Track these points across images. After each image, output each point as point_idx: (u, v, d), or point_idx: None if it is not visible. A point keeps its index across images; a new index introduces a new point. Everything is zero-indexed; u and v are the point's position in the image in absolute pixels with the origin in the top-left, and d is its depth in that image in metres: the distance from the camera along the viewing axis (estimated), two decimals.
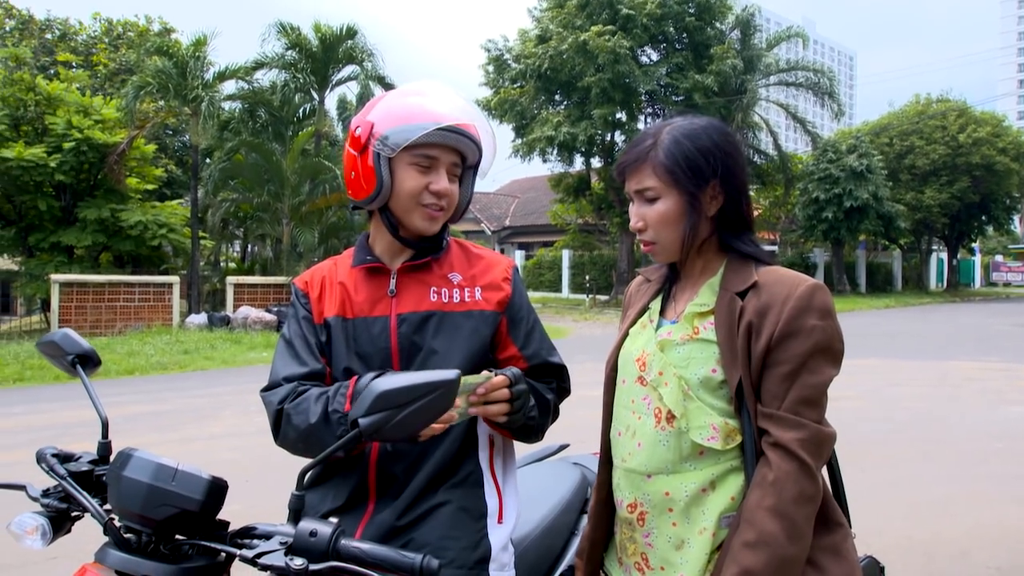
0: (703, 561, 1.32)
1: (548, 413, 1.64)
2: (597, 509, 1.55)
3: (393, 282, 1.61)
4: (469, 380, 1.38)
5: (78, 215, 17.50)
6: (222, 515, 1.26)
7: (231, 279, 17.40)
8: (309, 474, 1.61)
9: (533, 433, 1.61)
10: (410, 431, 1.15)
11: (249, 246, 26.48)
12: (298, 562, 1.08)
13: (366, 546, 1.12)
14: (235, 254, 28.09)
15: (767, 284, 1.34)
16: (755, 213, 34.90)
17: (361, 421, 1.12)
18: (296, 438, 1.48)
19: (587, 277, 29.51)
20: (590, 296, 27.51)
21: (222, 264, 25.50)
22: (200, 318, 16.02)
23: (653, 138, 1.41)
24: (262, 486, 4.61)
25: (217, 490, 1.20)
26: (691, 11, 23.82)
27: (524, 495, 1.94)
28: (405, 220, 1.59)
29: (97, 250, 18.41)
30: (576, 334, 17.04)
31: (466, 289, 1.62)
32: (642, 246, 1.46)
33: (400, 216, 1.59)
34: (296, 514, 1.16)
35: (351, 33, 19.00)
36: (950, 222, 34.22)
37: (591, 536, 1.57)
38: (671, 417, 1.35)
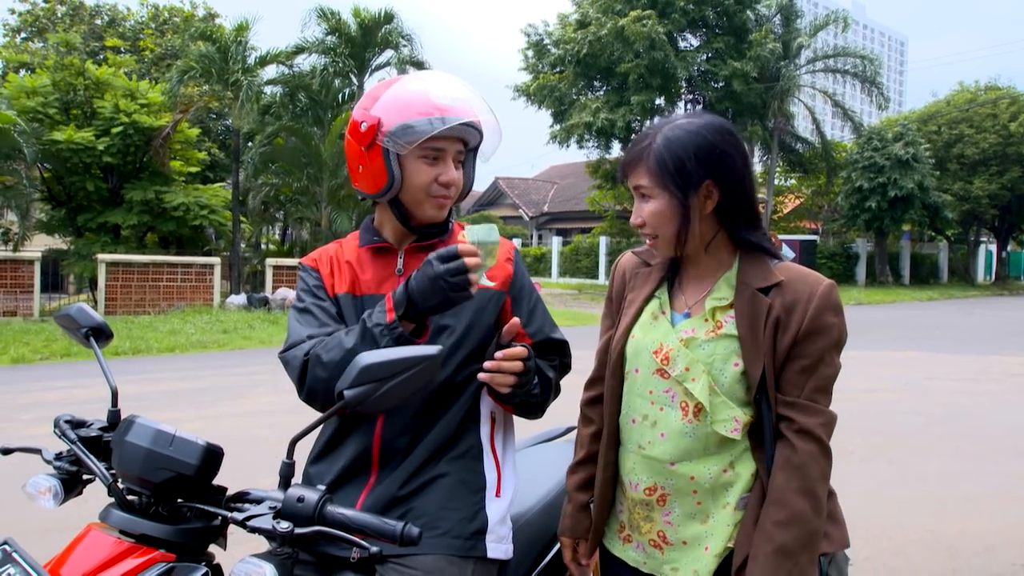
0: (728, 533, 1.43)
1: (550, 390, 1.68)
2: (603, 490, 1.59)
3: (400, 261, 1.65)
4: (476, 230, 1.45)
5: (124, 196, 17.98)
6: (228, 483, 1.33)
7: (270, 261, 17.68)
8: (312, 447, 1.68)
9: (534, 409, 1.66)
10: (394, 403, 1.20)
11: (288, 229, 26.90)
12: (284, 526, 1.14)
13: (350, 512, 1.17)
14: (275, 236, 28.56)
15: (790, 282, 1.42)
16: (797, 202, 34.44)
17: (346, 393, 1.17)
18: (328, 378, 1.45)
19: None
20: None
21: (262, 246, 25.96)
22: (240, 299, 16.34)
23: (650, 139, 1.45)
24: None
25: (212, 456, 1.26)
26: None
27: (527, 474, 1.97)
28: (415, 210, 1.62)
29: (142, 230, 18.91)
30: None
31: None
32: (647, 243, 1.53)
33: (410, 207, 1.62)
34: (286, 481, 1.21)
35: (389, 18, 19.11)
36: (1000, 213, 33.20)
37: (599, 514, 1.61)
38: (697, 411, 1.43)
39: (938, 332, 15.24)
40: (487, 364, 1.46)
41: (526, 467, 2.02)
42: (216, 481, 1.34)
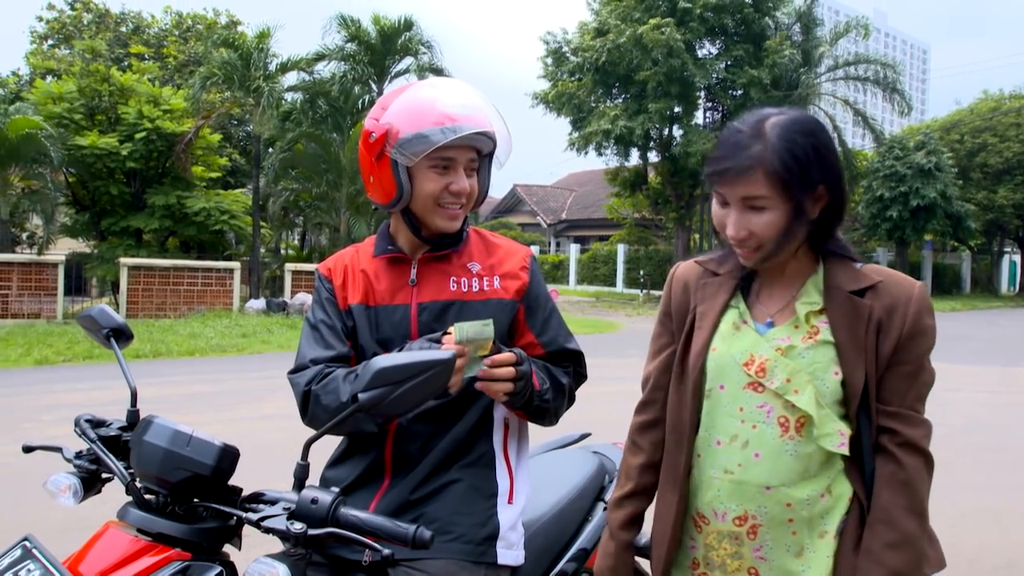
0: (827, 565, 1.31)
1: (563, 396, 1.66)
2: (675, 526, 1.43)
3: (414, 271, 1.65)
4: (466, 328, 1.39)
5: (147, 201, 18.26)
6: (245, 484, 1.34)
7: (289, 266, 17.80)
8: (331, 454, 1.70)
9: (547, 416, 1.64)
10: (408, 407, 1.21)
11: (307, 234, 27.10)
12: (298, 526, 1.15)
13: (363, 515, 1.18)
14: (294, 242, 28.79)
15: (887, 284, 1.33)
16: None
17: (360, 396, 1.19)
18: (327, 419, 1.48)
19: (642, 272, 29.28)
20: (644, 291, 27.31)
21: (282, 251, 26.18)
22: (259, 303, 16.47)
23: (757, 140, 1.27)
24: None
25: (228, 456, 1.28)
26: (749, 1, 23.34)
27: (540, 480, 1.97)
28: (426, 220, 1.61)
29: (164, 235, 19.17)
30: (628, 329, 16.95)
31: (485, 278, 1.65)
32: (740, 253, 1.36)
33: (421, 217, 1.61)
34: (300, 482, 1.23)
35: (408, 25, 19.26)
36: None
37: (669, 553, 1.45)
38: (800, 426, 1.31)
39: (960, 343, 15.04)
40: (479, 373, 1.46)
41: (540, 473, 2.02)
42: (233, 482, 1.36)
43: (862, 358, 1.29)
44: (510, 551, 1.59)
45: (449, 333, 1.45)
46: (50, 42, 29.99)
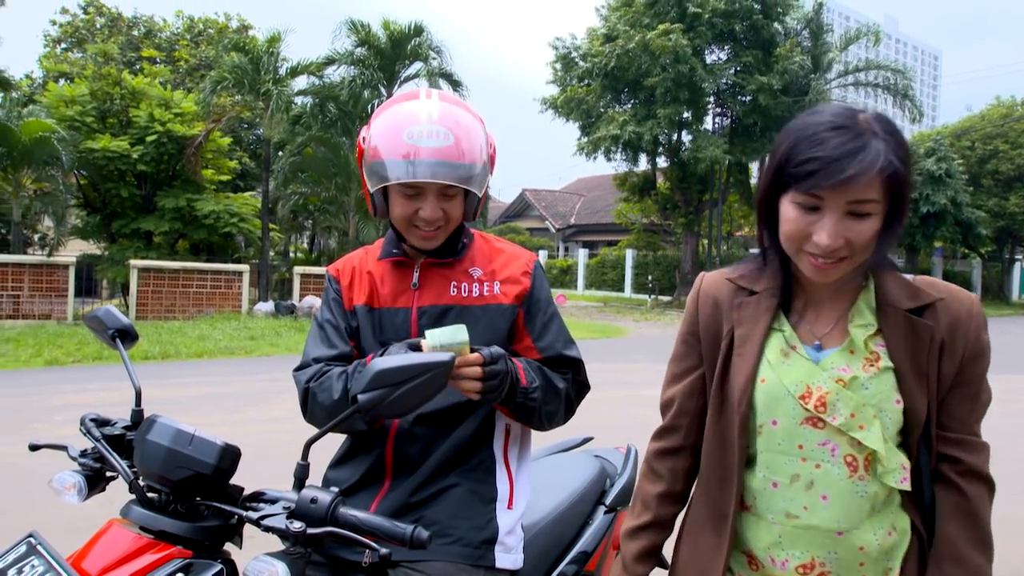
0: None
1: (558, 400, 1.63)
2: (725, 567, 1.31)
3: (416, 276, 1.67)
4: (438, 334, 1.37)
5: (157, 203, 18.38)
6: (251, 486, 1.36)
7: (298, 269, 17.85)
8: (333, 454, 1.72)
9: (535, 416, 1.60)
10: (406, 409, 1.23)
11: (316, 238, 27.22)
12: (297, 525, 1.17)
13: (362, 515, 1.20)
14: (303, 245, 28.91)
15: (948, 301, 1.23)
16: None
17: (360, 397, 1.20)
18: (323, 416, 1.55)
19: (650, 277, 29.25)
20: (652, 296, 27.28)
21: (291, 254, 26.29)
22: (267, 306, 16.53)
23: (867, 136, 1.13)
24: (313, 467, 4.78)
25: (230, 456, 1.30)
26: (758, 7, 23.34)
27: (541, 483, 1.98)
28: (405, 236, 1.65)
29: (174, 237, 19.29)
30: (635, 334, 16.93)
31: (485, 283, 1.67)
32: (818, 265, 1.19)
33: (400, 232, 1.66)
34: (300, 482, 1.24)
35: (418, 31, 19.32)
36: None
37: None
38: (868, 464, 1.22)
39: None
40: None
41: (541, 477, 2.03)
42: (239, 483, 1.38)
43: (923, 383, 1.21)
44: (508, 555, 1.60)
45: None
46: (63, 46, 30.28)
